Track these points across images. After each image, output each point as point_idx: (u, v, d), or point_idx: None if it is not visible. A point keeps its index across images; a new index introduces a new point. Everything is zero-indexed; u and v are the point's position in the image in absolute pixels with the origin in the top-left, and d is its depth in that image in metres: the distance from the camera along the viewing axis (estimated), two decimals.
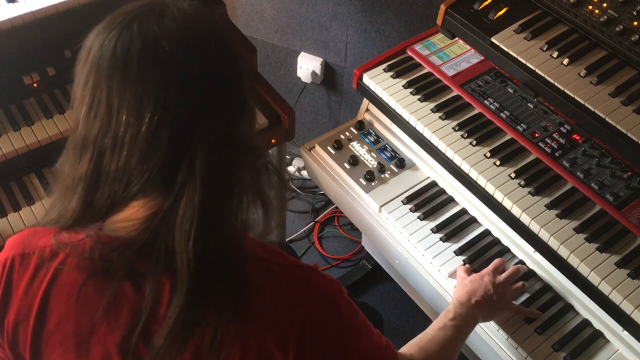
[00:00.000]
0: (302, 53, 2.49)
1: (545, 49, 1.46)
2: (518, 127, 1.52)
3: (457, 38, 1.66)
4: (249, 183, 0.88)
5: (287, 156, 2.38)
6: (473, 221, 1.56)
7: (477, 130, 1.53)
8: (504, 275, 1.38)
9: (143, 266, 0.84)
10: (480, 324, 1.38)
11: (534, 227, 1.36)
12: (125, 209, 0.85)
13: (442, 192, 1.61)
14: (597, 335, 1.35)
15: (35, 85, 1.67)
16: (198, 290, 0.82)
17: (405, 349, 1.17)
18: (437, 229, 1.52)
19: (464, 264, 1.45)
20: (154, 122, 0.78)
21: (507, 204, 1.41)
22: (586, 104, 1.37)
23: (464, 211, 1.57)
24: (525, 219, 1.38)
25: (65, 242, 0.86)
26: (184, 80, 0.79)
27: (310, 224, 2.61)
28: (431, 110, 1.59)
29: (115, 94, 0.79)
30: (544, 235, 1.35)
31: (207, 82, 0.81)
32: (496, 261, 1.42)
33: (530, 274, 1.45)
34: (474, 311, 1.28)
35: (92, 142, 0.81)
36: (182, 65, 0.79)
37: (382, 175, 1.64)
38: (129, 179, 0.81)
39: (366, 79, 1.68)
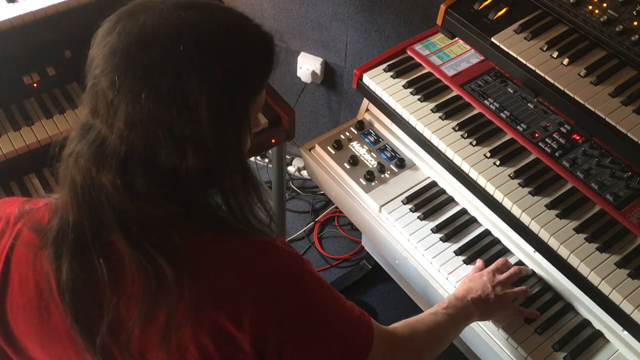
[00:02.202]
0: (302, 53, 2.49)
1: (545, 49, 1.46)
2: (518, 127, 1.52)
3: (457, 38, 1.66)
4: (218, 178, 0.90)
5: (287, 156, 2.38)
6: (473, 221, 1.56)
7: (477, 130, 1.53)
8: (504, 276, 1.38)
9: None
10: (480, 324, 1.38)
11: (534, 227, 1.36)
12: None
13: (442, 192, 1.61)
14: (597, 335, 1.35)
15: (35, 85, 1.67)
16: (146, 259, 0.84)
17: (393, 325, 1.15)
18: (437, 229, 1.52)
19: (465, 264, 1.46)
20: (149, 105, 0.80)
21: (507, 204, 1.41)
22: (586, 104, 1.37)
23: (464, 211, 1.57)
24: (525, 219, 1.38)
25: (26, 209, 0.93)
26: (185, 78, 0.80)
27: (310, 224, 2.61)
28: (431, 110, 1.59)
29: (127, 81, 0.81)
30: (544, 235, 1.35)
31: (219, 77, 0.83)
32: (499, 261, 1.42)
33: (531, 274, 1.45)
34: (469, 307, 1.28)
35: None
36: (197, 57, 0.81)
37: (382, 175, 1.64)
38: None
39: (366, 79, 1.68)
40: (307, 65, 2.46)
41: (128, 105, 0.79)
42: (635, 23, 1.40)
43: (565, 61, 1.43)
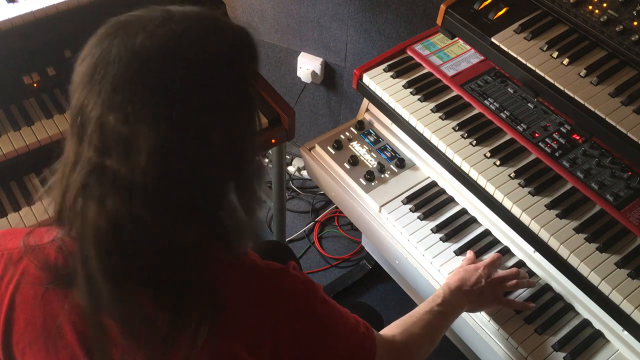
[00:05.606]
0: (302, 53, 2.49)
1: (545, 49, 1.46)
2: (518, 127, 1.52)
3: (457, 38, 1.66)
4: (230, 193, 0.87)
5: (287, 156, 2.38)
6: (473, 221, 1.56)
7: (477, 130, 1.53)
8: (501, 273, 1.38)
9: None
10: (480, 324, 1.38)
11: (534, 227, 1.36)
12: None
13: (442, 192, 1.61)
14: (597, 335, 1.35)
15: (35, 85, 1.67)
16: (168, 295, 0.82)
17: (388, 329, 1.17)
18: (437, 229, 1.52)
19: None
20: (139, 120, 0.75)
21: (507, 204, 1.41)
22: (586, 104, 1.37)
23: (464, 211, 1.57)
24: (525, 219, 1.38)
25: (31, 245, 0.88)
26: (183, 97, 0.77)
27: (310, 224, 2.60)
28: (431, 110, 1.59)
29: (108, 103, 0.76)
30: (544, 235, 1.35)
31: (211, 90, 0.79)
32: (493, 255, 1.42)
33: (530, 274, 1.45)
34: (461, 299, 1.29)
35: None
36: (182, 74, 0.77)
37: (382, 175, 1.64)
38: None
39: (366, 79, 1.68)
40: (307, 65, 2.46)
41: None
42: (635, 23, 1.41)
43: (565, 61, 1.43)
